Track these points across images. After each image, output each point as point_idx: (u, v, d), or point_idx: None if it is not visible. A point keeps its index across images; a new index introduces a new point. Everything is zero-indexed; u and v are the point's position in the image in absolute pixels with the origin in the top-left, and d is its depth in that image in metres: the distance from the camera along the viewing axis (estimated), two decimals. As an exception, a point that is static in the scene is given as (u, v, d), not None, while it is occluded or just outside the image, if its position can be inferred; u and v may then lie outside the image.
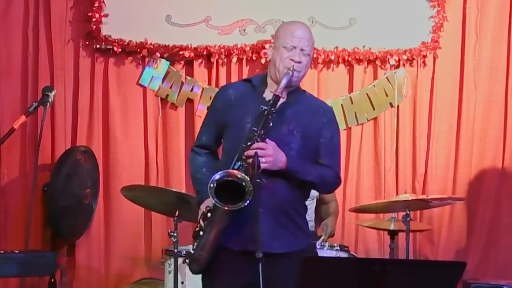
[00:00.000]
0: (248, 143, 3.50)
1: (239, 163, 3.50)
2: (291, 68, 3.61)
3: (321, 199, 5.34)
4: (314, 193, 4.97)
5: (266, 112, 3.53)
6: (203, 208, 3.59)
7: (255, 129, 3.52)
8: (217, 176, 3.45)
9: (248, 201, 3.42)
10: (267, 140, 3.53)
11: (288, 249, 3.60)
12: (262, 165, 3.49)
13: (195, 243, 3.60)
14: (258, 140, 3.51)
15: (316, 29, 5.76)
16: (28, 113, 4.31)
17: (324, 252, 4.66)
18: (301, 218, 3.73)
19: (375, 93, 5.86)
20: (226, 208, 3.45)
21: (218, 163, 3.71)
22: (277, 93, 3.56)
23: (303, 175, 3.62)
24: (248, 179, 3.43)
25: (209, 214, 3.54)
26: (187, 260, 3.64)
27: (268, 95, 3.67)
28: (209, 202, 3.54)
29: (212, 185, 3.44)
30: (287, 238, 3.62)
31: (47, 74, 5.72)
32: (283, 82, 3.57)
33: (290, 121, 3.63)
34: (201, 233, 3.57)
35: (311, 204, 5.25)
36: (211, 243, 3.56)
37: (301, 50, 3.64)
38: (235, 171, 3.46)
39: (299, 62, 3.64)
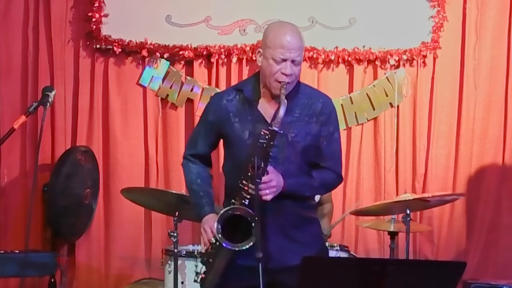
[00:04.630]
0: (249, 174, 3.45)
1: (242, 196, 3.48)
2: (285, 85, 3.49)
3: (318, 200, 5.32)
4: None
5: (265, 145, 3.45)
6: (208, 229, 3.55)
7: (253, 160, 3.43)
8: (224, 214, 3.46)
9: (253, 241, 3.41)
10: (268, 168, 3.47)
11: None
12: (268, 197, 3.45)
13: (204, 266, 3.59)
14: (259, 172, 3.43)
15: (316, 29, 5.77)
16: (28, 113, 4.29)
17: (324, 252, 4.66)
18: (310, 222, 3.69)
19: (375, 93, 5.86)
20: (236, 249, 3.44)
21: (226, 181, 3.68)
22: (275, 129, 3.45)
23: (301, 193, 3.59)
24: (256, 218, 3.40)
25: (217, 243, 3.52)
26: (197, 280, 3.64)
27: (262, 107, 3.59)
28: (213, 223, 3.51)
29: (219, 226, 3.44)
30: (300, 250, 3.56)
31: (47, 74, 5.72)
32: (281, 113, 3.45)
33: (288, 132, 3.55)
34: (210, 260, 3.56)
35: None
36: (222, 269, 3.55)
37: (292, 61, 3.52)
38: (243, 208, 3.45)
39: (291, 75, 3.53)
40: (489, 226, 5.90)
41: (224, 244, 3.45)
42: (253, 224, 3.40)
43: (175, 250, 4.71)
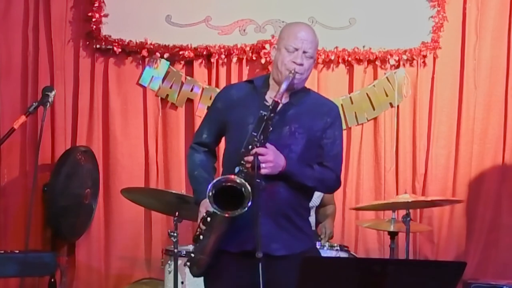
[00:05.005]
0: (249, 147, 3.48)
1: (238, 168, 3.48)
2: (293, 71, 3.56)
3: (319, 202, 5.32)
4: (313, 203, 4.96)
5: (265, 117, 3.49)
6: (202, 210, 3.57)
7: (255, 134, 3.47)
8: (215, 182, 3.44)
9: (247, 207, 3.40)
10: (267, 144, 3.49)
11: (288, 251, 3.57)
12: (263, 171, 3.46)
13: (195, 246, 3.59)
14: (258, 145, 3.47)
15: (316, 29, 5.63)
16: (28, 113, 4.29)
17: (324, 252, 4.66)
18: (302, 220, 3.69)
19: (375, 93, 5.86)
20: (226, 215, 3.43)
21: (224, 166, 3.68)
22: (276, 99, 3.50)
23: (301, 179, 3.59)
24: (247, 184, 3.40)
25: (208, 219, 3.52)
26: (187, 263, 3.64)
27: (269, 98, 3.63)
28: (209, 205, 3.53)
29: (211, 193, 3.43)
30: (287, 241, 3.59)
31: (47, 74, 5.72)
32: (283, 87, 3.52)
33: (292, 122, 3.60)
34: (201, 237, 3.55)
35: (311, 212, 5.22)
36: (211, 247, 3.55)
37: (304, 52, 3.59)
38: (233, 176, 3.44)
39: (301, 65, 3.58)
40: (489, 226, 5.91)
41: (214, 208, 3.42)
42: (243, 190, 3.40)
43: (175, 250, 4.71)
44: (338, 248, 4.83)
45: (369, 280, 3.14)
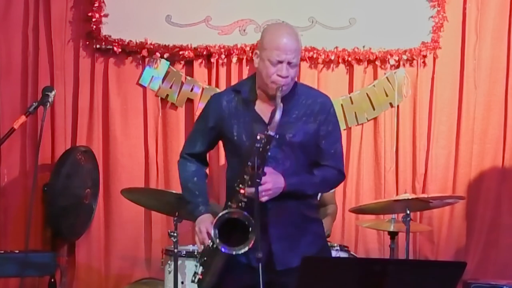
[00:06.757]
0: (244, 178, 3.46)
1: (239, 199, 3.48)
2: (280, 87, 3.49)
3: (320, 201, 5.31)
4: None
5: (261, 149, 3.44)
6: (204, 230, 3.56)
7: (250, 164, 3.43)
8: (218, 220, 3.46)
9: (252, 243, 3.41)
10: (265, 169, 3.46)
11: None
12: (263, 199, 3.46)
13: (202, 267, 3.59)
14: (255, 175, 3.42)
15: (316, 29, 5.77)
16: (28, 113, 4.29)
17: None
18: (313, 223, 3.71)
19: (375, 93, 5.86)
20: (233, 253, 3.45)
21: (227, 180, 3.67)
22: (271, 134, 3.44)
23: (304, 190, 3.60)
24: (252, 220, 3.40)
25: (214, 246, 3.52)
26: (194, 279, 3.63)
27: (259, 107, 3.60)
28: (209, 224, 3.53)
29: (216, 231, 3.45)
30: (302, 250, 3.58)
31: (47, 74, 5.72)
32: (277, 116, 3.44)
33: (287, 131, 3.56)
34: (206, 258, 3.57)
35: None
36: (219, 270, 3.56)
37: (288, 63, 3.52)
38: (239, 211, 3.45)
39: (287, 77, 3.52)
40: (489, 226, 5.91)
41: (222, 249, 3.45)
42: (250, 229, 3.41)
43: (175, 250, 4.72)
44: (338, 248, 4.83)
45: (369, 280, 3.14)
